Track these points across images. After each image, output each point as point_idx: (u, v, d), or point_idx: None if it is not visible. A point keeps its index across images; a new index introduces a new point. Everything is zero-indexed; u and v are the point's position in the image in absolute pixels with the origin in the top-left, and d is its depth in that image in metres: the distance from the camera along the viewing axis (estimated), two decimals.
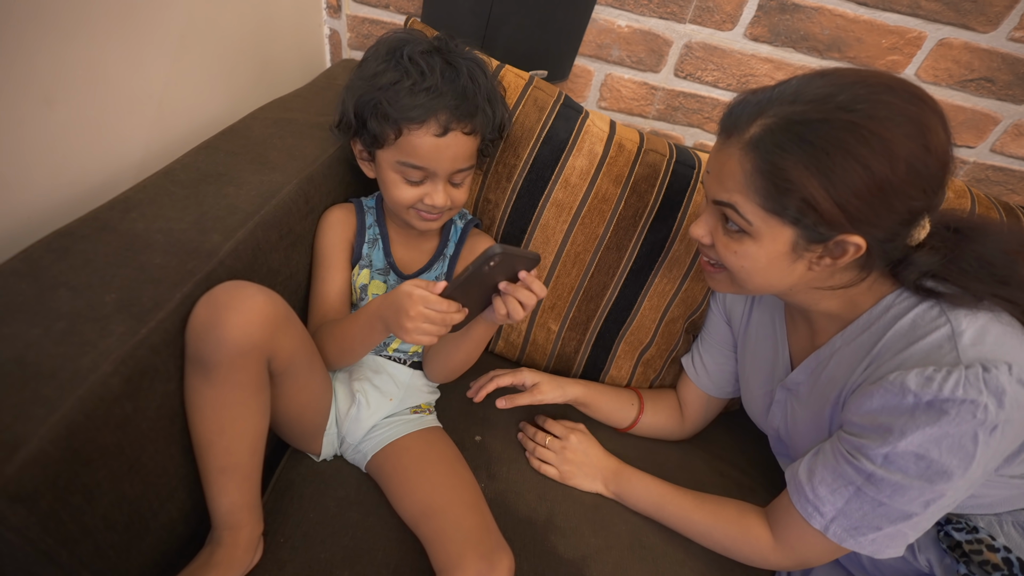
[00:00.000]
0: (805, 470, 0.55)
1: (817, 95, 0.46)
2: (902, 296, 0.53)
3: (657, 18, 0.90)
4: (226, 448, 0.49)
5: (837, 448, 0.53)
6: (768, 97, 0.48)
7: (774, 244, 0.50)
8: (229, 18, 0.73)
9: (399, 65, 0.57)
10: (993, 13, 0.84)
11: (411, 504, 0.59)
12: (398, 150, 0.59)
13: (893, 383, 0.48)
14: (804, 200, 0.46)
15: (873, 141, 0.43)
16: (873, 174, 0.44)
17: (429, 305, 0.50)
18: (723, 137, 0.52)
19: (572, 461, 0.70)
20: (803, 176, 0.45)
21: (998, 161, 1.01)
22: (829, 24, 0.88)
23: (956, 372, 0.45)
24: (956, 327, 0.48)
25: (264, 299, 0.48)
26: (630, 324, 0.80)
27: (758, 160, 0.47)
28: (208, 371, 0.46)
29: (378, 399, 0.66)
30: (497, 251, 0.48)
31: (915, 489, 0.48)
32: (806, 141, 0.45)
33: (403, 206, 0.62)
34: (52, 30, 0.50)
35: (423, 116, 0.56)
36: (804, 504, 0.54)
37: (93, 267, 0.45)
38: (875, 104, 0.44)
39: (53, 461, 0.36)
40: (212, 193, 0.56)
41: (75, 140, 0.55)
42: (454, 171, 0.60)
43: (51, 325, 0.40)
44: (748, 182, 0.48)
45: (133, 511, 0.45)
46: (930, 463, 0.47)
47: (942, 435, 0.46)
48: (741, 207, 0.49)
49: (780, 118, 0.46)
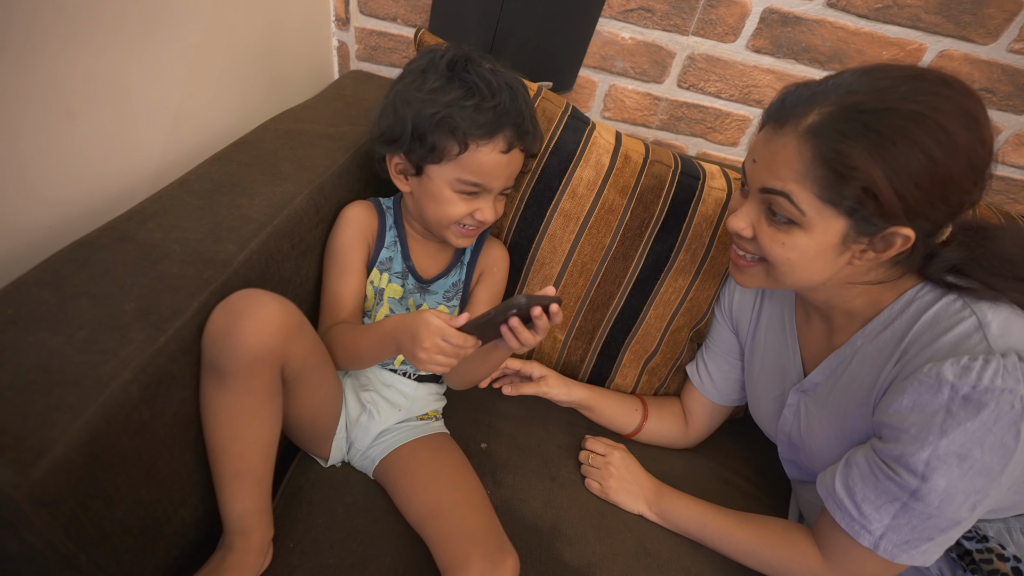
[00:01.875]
0: (843, 487, 0.53)
1: (877, 86, 0.46)
2: (923, 291, 0.54)
3: (660, 30, 0.92)
4: (239, 454, 0.50)
5: (873, 461, 0.51)
6: (823, 88, 0.49)
7: (825, 235, 0.49)
8: (242, 31, 0.75)
9: (464, 82, 0.58)
10: (992, 25, 0.85)
11: (417, 505, 0.59)
12: (459, 166, 0.59)
13: (928, 374, 0.47)
14: (865, 188, 0.46)
15: (938, 132, 0.44)
16: (936, 164, 0.44)
17: (446, 338, 0.50)
18: (774, 126, 0.51)
19: (616, 477, 0.71)
20: (867, 163, 0.45)
21: (1000, 171, 1.01)
22: (830, 36, 0.89)
23: (994, 360, 0.45)
24: (982, 318, 0.48)
25: (278, 307, 0.49)
26: (635, 333, 0.81)
27: (820, 147, 0.46)
28: (223, 378, 0.47)
29: (388, 409, 0.67)
30: (522, 302, 0.50)
31: (961, 493, 0.47)
32: (871, 129, 0.45)
33: (449, 221, 0.62)
34: (78, 46, 0.51)
35: (492, 133, 0.58)
36: (850, 523, 0.53)
37: (112, 276, 0.46)
38: (936, 96, 0.45)
39: (76, 466, 0.36)
40: (226, 203, 0.58)
41: (95, 152, 0.57)
42: (506, 187, 0.63)
43: (73, 333, 0.41)
44: (807, 170, 0.47)
45: (148, 516, 0.46)
46: (973, 463, 0.46)
47: (984, 431, 0.45)
48: (796, 196, 0.49)
49: (841, 106, 0.46)
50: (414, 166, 0.62)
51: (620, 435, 0.81)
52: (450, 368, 0.52)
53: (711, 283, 0.78)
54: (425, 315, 0.51)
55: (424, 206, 0.63)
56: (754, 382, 0.74)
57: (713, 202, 0.76)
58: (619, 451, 0.74)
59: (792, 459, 0.72)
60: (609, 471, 0.71)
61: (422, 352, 0.51)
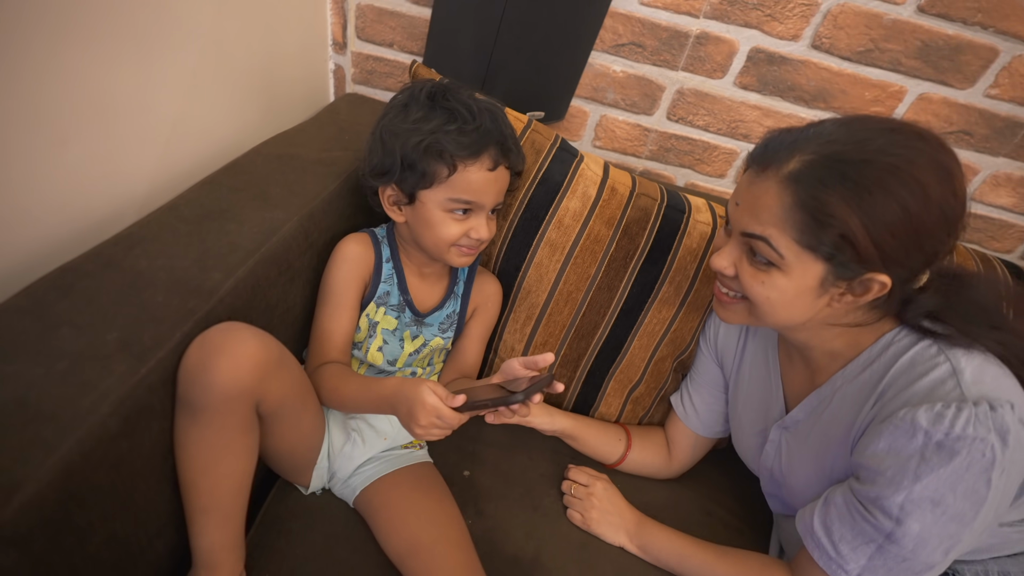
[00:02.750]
0: (820, 525, 0.55)
1: (856, 138, 0.48)
2: (900, 335, 0.55)
3: (651, 65, 0.94)
4: (209, 489, 0.49)
5: (851, 501, 0.53)
6: (804, 136, 0.50)
7: (803, 278, 0.51)
8: (239, 54, 0.76)
9: (445, 108, 0.61)
10: (969, 71, 0.89)
11: (398, 541, 0.59)
12: (449, 187, 0.61)
13: (903, 420, 0.48)
14: (842, 236, 0.47)
15: (912, 184, 0.46)
16: (910, 215, 0.46)
17: (441, 417, 0.50)
18: (756, 170, 0.52)
19: (598, 508, 0.71)
20: (845, 211, 0.46)
21: (979, 210, 1.04)
22: (814, 76, 0.92)
23: (966, 409, 0.46)
24: (956, 365, 0.50)
25: (256, 344, 0.48)
26: (620, 363, 0.81)
27: (799, 193, 0.48)
28: (195, 413, 0.46)
29: (373, 438, 0.67)
30: (520, 399, 0.51)
31: (935, 538, 0.48)
32: (849, 179, 0.46)
33: (447, 243, 0.63)
34: (73, 71, 0.52)
35: (477, 152, 0.60)
36: (828, 562, 0.53)
37: (96, 305, 0.46)
38: (911, 150, 0.47)
39: (48, 503, 0.36)
40: (215, 230, 0.58)
41: (84, 177, 0.57)
42: (496, 204, 0.65)
43: (53, 365, 0.41)
44: (786, 215, 0.49)
45: (122, 549, 0.45)
46: (946, 508, 0.47)
47: (956, 478, 0.46)
48: (775, 240, 0.50)
49: (821, 155, 0.48)
50: (407, 195, 0.63)
51: (603, 464, 0.81)
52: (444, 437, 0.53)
53: (695, 315, 0.79)
54: (421, 392, 0.50)
55: (420, 233, 0.64)
56: (738, 416, 0.74)
57: (698, 235, 0.77)
58: (602, 482, 0.74)
59: (774, 493, 0.72)
60: (591, 502, 0.71)
61: (418, 428, 0.51)
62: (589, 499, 0.72)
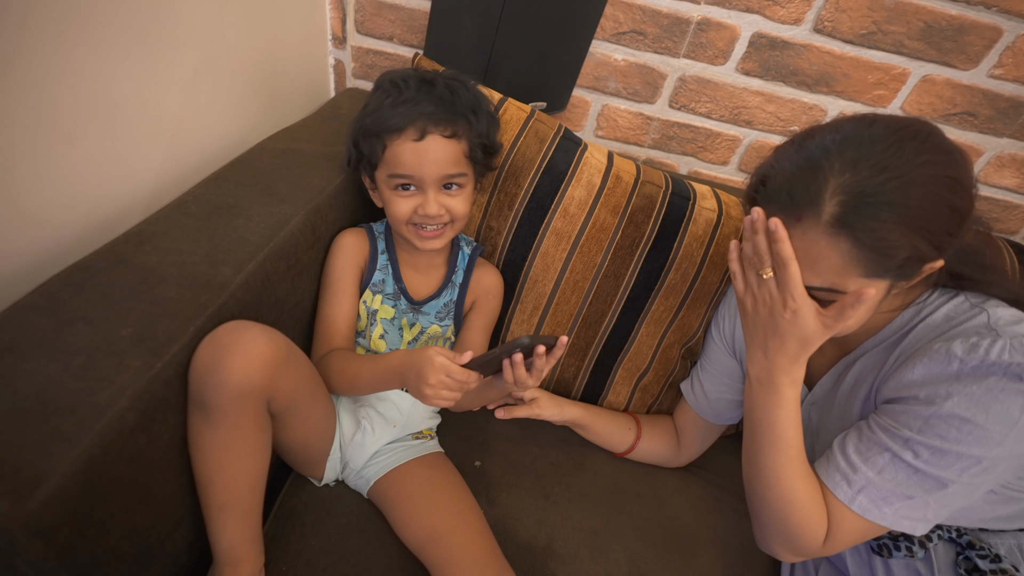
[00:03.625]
0: (837, 444, 0.54)
1: (881, 158, 0.46)
2: (932, 297, 0.56)
3: (652, 52, 0.94)
4: (225, 486, 0.50)
5: (873, 419, 0.53)
6: (818, 168, 0.47)
7: (876, 298, 0.50)
8: (240, 51, 0.76)
9: (380, 90, 0.63)
10: (973, 52, 0.88)
11: (417, 530, 0.60)
12: (386, 164, 0.62)
13: (938, 351, 0.49)
14: (909, 257, 0.47)
15: (951, 183, 0.46)
16: (958, 211, 0.47)
17: (450, 374, 0.51)
18: (788, 217, 0.49)
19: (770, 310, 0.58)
20: (908, 237, 0.46)
21: (983, 191, 1.04)
22: (817, 60, 0.92)
23: (1002, 339, 0.47)
24: (992, 315, 0.51)
25: (266, 341, 0.48)
26: (628, 350, 0.82)
27: (856, 236, 0.46)
28: (209, 412, 0.47)
29: (382, 425, 0.67)
30: (525, 342, 0.52)
31: (952, 454, 0.47)
32: (897, 205, 0.45)
33: (401, 221, 0.64)
34: (77, 69, 0.52)
35: (402, 125, 0.60)
36: (832, 473, 0.52)
37: (109, 301, 0.46)
38: (935, 150, 0.47)
39: (71, 496, 0.37)
40: (223, 225, 0.58)
41: (92, 174, 0.57)
42: (441, 176, 0.62)
43: (70, 360, 0.41)
44: (846, 260, 0.47)
45: (142, 541, 0.46)
46: (973, 427, 0.47)
47: (991, 398, 0.46)
48: (840, 285, 0.49)
49: (855, 193, 0.45)
50: (371, 179, 0.66)
51: (612, 453, 0.82)
52: (455, 402, 0.54)
53: (701, 302, 0.80)
54: (429, 352, 0.52)
55: (387, 214, 0.66)
56: None
57: (704, 222, 0.77)
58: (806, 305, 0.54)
59: None
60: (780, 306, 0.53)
61: (427, 388, 0.52)
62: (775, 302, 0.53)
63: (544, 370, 0.55)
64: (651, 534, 0.72)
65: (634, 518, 0.73)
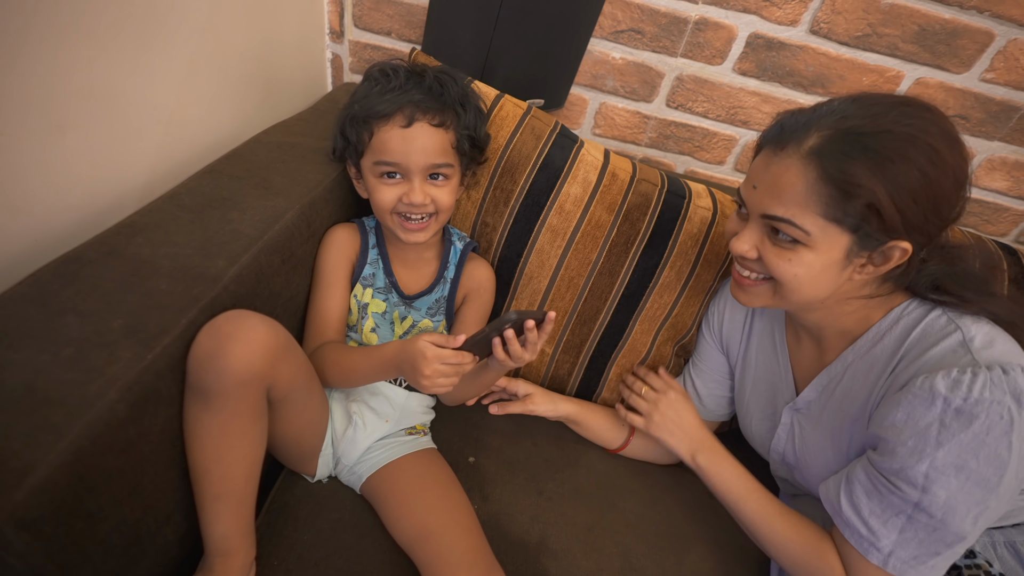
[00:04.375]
0: (848, 505, 0.54)
1: (870, 112, 0.50)
2: (909, 308, 0.57)
3: (650, 51, 0.94)
4: (222, 475, 0.50)
5: (873, 475, 0.53)
6: (818, 114, 0.52)
7: (830, 252, 0.52)
8: (236, 43, 0.75)
9: (368, 79, 0.64)
10: (965, 56, 0.89)
11: (406, 527, 0.59)
12: (372, 151, 0.63)
13: (921, 388, 0.49)
14: (869, 205, 0.48)
15: (928, 151, 0.48)
16: (930, 180, 0.48)
17: (444, 361, 0.53)
18: (773, 149, 0.53)
19: (664, 414, 0.71)
20: (871, 181, 0.47)
21: (974, 194, 1.05)
22: (813, 62, 0.92)
23: (982, 374, 0.47)
24: (966, 333, 0.51)
25: (266, 329, 0.49)
26: (622, 347, 0.82)
27: (824, 167, 0.49)
28: (209, 400, 0.47)
29: (374, 420, 0.67)
30: (513, 317, 0.53)
31: (963, 505, 0.48)
32: (871, 149, 0.48)
33: (386, 211, 0.64)
34: (69, 58, 0.51)
35: (389, 111, 0.60)
36: (859, 540, 0.53)
37: (100, 292, 0.46)
38: (923, 120, 0.49)
39: (59, 487, 0.36)
40: (217, 218, 0.58)
41: (83, 164, 0.57)
42: (428, 166, 0.62)
43: (59, 351, 0.41)
44: (810, 191, 0.50)
45: (131, 534, 0.45)
46: (970, 474, 0.48)
47: (978, 443, 0.47)
48: (799, 219, 0.51)
49: (840, 130, 0.49)
50: (356, 169, 0.66)
51: (606, 449, 0.82)
52: (453, 387, 0.54)
53: (696, 299, 0.80)
54: (419, 346, 0.53)
55: (372, 204, 0.66)
56: (745, 401, 0.75)
57: (699, 220, 0.78)
58: (676, 392, 0.74)
59: (785, 476, 0.73)
60: (658, 407, 0.71)
61: (424, 379, 0.53)
62: (657, 404, 0.72)
63: (538, 344, 0.57)
64: (644, 530, 0.72)
65: (627, 514, 0.73)
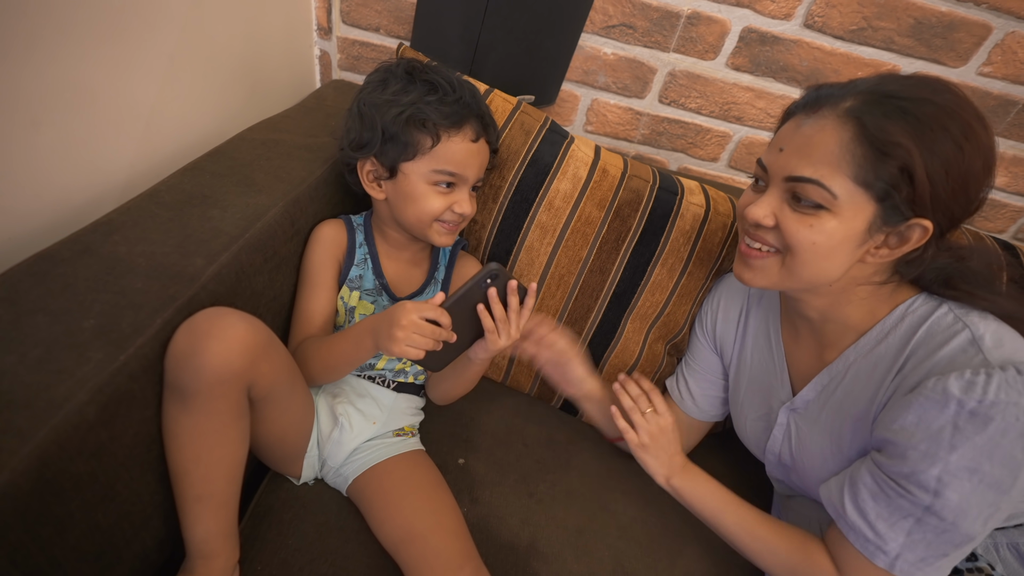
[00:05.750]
0: (854, 508, 0.53)
1: (907, 83, 0.50)
2: (915, 304, 0.55)
3: (642, 47, 0.93)
4: (202, 476, 0.49)
5: (881, 479, 0.51)
6: (853, 83, 0.52)
7: (854, 220, 0.50)
8: (220, 38, 0.74)
9: (426, 81, 0.61)
10: (962, 49, 0.88)
11: (392, 530, 0.58)
12: (433, 158, 0.60)
13: (934, 390, 0.48)
14: (902, 168, 0.47)
15: (965, 126, 0.47)
16: (964, 155, 0.47)
17: (422, 313, 0.52)
18: (807, 112, 0.52)
19: (656, 440, 0.68)
20: (909, 143, 0.47)
21: None
22: (807, 56, 0.91)
23: (996, 375, 0.46)
24: (975, 331, 0.50)
25: (246, 327, 0.47)
26: (614, 346, 0.81)
27: (863, 124, 0.48)
28: (186, 399, 0.45)
29: (361, 422, 0.66)
30: (494, 267, 0.52)
31: (974, 508, 0.47)
32: (910, 113, 0.47)
33: (430, 218, 0.63)
34: (42, 52, 0.50)
35: (460, 123, 0.60)
36: (865, 543, 0.52)
37: (72, 292, 0.45)
38: (959, 98, 0.49)
39: (24, 493, 0.35)
40: (197, 216, 0.56)
41: (60, 161, 0.55)
42: (477, 179, 0.65)
43: (27, 352, 0.39)
44: (843, 151, 0.49)
45: (106, 541, 0.44)
46: (983, 476, 0.46)
47: (992, 445, 0.46)
48: (828, 180, 0.49)
49: (880, 93, 0.49)
50: (387, 168, 0.62)
51: (607, 437, 0.80)
52: (425, 351, 0.53)
53: (687, 298, 0.79)
54: (399, 304, 0.53)
55: (402, 209, 0.64)
56: (740, 402, 0.73)
57: (691, 217, 0.76)
58: (671, 420, 0.70)
59: (781, 477, 0.71)
60: (654, 431, 0.68)
61: (399, 331, 0.52)
62: (653, 426, 0.68)
63: (520, 322, 0.57)
64: (636, 533, 0.71)
65: (619, 517, 0.72)
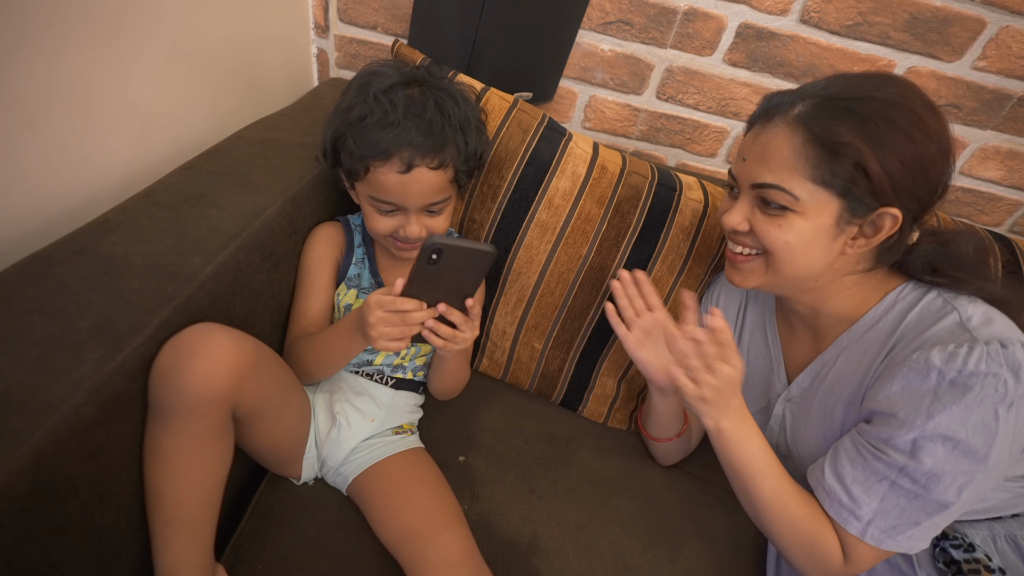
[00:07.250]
0: (832, 473, 0.53)
1: (850, 83, 0.52)
2: (904, 291, 0.57)
3: (639, 43, 0.93)
4: (175, 499, 0.46)
5: (859, 443, 0.53)
6: (802, 90, 0.54)
7: (820, 217, 0.52)
8: (216, 37, 0.74)
9: (365, 101, 0.57)
10: (957, 44, 0.88)
11: (392, 528, 0.58)
12: (368, 185, 0.60)
13: (917, 361, 0.49)
14: (856, 165, 0.49)
15: (911, 116, 0.49)
16: (915, 144, 0.48)
17: (384, 307, 0.51)
18: (762, 123, 0.55)
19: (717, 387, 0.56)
20: (856, 140, 0.48)
21: (967, 183, 1.04)
22: (804, 51, 0.91)
23: (978, 347, 0.47)
24: (963, 313, 0.51)
25: (232, 346, 0.46)
26: (614, 343, 0.81)
27: (811, 129, 0.50)
28: (166, 418, 0.44)
29: (359, 420, 0.66)
30: (436, 241, 0.46)
31: (948, 475, 0.48)
32: (855, 112, 0.49)
33: (380, 236, 0.63)
34: (37, 51, 0.49)
35: (386, 154, 0.56)
36: (839, 509, 0.53)
37: (68, 292, 0.44)
38: (902, 88, 0.51)
39: (20, 494, 0.35)
40: (194, 215, 0.56)
41: (55, 161, 0.55)
42: (425, 205, 0.60)
43: (23, 353, 0.39)
44: (798, 155, 0.51)
45: (104, 542, 0.44)
46: (957, 443, 0.47)
47: (967, 413, 0.47)
48: (788, 183, 0.52)
49: (824, 96, 0.51)
50: (349, 182, 0.64)
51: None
52: (405, 343, 0.53)
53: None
54: (366, 300, 0.53)
55: (364, 219, 0.65)
56: None
57: (690, 213, 0.76)
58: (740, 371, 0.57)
59: None
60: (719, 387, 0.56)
61: (371, 329, 0.52)
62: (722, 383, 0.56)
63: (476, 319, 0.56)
64: (638, 528, 0.71)
65: (620, 512, 0.72)
